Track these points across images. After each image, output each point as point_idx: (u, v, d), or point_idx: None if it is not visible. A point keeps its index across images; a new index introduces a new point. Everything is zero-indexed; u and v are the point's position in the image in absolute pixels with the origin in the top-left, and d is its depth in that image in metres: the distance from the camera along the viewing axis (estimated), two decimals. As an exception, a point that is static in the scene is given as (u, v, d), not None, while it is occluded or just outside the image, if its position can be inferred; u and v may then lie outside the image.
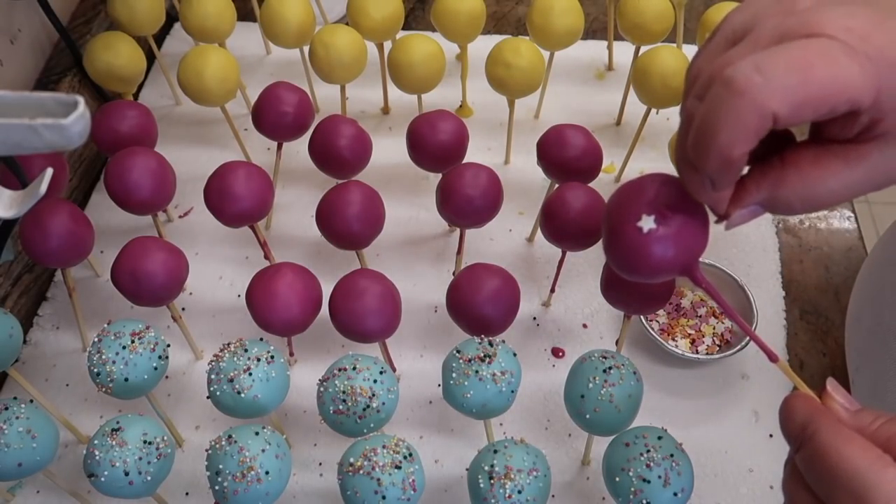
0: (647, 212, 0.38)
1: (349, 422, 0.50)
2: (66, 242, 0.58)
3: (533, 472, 0.46)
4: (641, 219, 0.38)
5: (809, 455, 0.33)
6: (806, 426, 0.34)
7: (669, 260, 0.38)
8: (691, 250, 0.39)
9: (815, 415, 0.34)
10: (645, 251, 0.38)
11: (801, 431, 0.34)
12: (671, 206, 0.38)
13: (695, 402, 0.62)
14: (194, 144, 0.79)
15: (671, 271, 0.39)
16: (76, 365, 0.64)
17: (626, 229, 0.38)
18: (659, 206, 0.38)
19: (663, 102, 0.68)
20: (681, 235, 0.38)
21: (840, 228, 0.73)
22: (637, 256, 0.38)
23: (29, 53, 0.75)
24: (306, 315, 0.56)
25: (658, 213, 0.38)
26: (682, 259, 0.38)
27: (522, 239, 0.72)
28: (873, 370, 0.55)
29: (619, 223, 0.39)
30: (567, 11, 0.69)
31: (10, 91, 0.40)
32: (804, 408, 0.35)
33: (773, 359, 0.38)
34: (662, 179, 0.39)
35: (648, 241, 0.38)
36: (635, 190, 0.39)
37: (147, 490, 0.49)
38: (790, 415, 0.35)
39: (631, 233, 0.38)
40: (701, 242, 0.39)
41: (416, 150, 0.65)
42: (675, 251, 0.38)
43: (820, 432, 0.33)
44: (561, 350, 0.65)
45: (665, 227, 0.38)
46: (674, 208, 0.38)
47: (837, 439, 0.32)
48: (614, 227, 0.39)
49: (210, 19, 0.73)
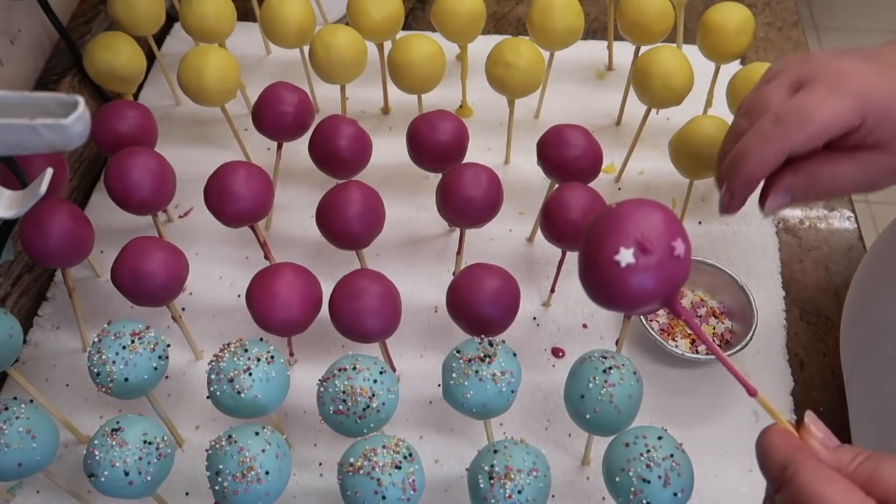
0: (625, 244, 0.36)
1: (349, 422, 0.50)
2: (66, 242, 0.58)
3: (533, 472, 0.46)
4: (619, 252, 0.36)
5: (790, 497, 0.33)
6: (786, 467, 0.33)
7: (648, 294, 0.37)
8: (671, 283, 0.37)
9: (794, 454, 0.34)
10: (622, 286, 0.36)
11: (780, 472, 0.33)
12: (651, 238, 0.36)
13: (695, 402, 0.62)
14: (194, 144, 0.79)
15: (650, 304, 0.37)
16: (76, 365, 0.64)
17: (603, 263, 0.36)
18: (638, 238, 0.36)
19: (663, 102, 0.68)
20: (661, 269, 0.36)
21: (840, 228, 0.73)
22: (614, 291, 0.37)
23: (29, 53, 0.75)
24: (306, 315, 0.56)
25: (638, 247, 0.36)
26: (662, 292, 0.37)
27: (522, 239, 0.72)
28: (866, 371, 0.55)
29: (595, 255, 0.37)
30: (567, 11, 0.70)
31: (10, 91, 0.40)
32: (783, 446, 0.34)
33: (751, 393, 0.37)
34: (643, 209, 0.37)
35: (626, 275, 0.36)
36: (613, 220, 0.37)
37: (147, 490, 0.49)
38: (769, 453, 0.35)
39: (608, 266, 0.36)
40: (681, 274, 0.37)
41: (416, 150, 0.65)
42: (653, 285, 0.36)
43: (800, 474, 0.33)
44: (561, 350, 0.65)
45: (644, 261, 0.36)
46: (654, 240, 0.36)
47: (818, 482, 0.32)
48: (591, 259, 0.37)
49: (210, 19, 0.73)
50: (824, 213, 0.74)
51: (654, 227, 0.36)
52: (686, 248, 0.37)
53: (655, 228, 0.36)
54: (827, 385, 0.63)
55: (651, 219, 0.36)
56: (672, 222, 0.37)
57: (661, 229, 0.36)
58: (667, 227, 0.36)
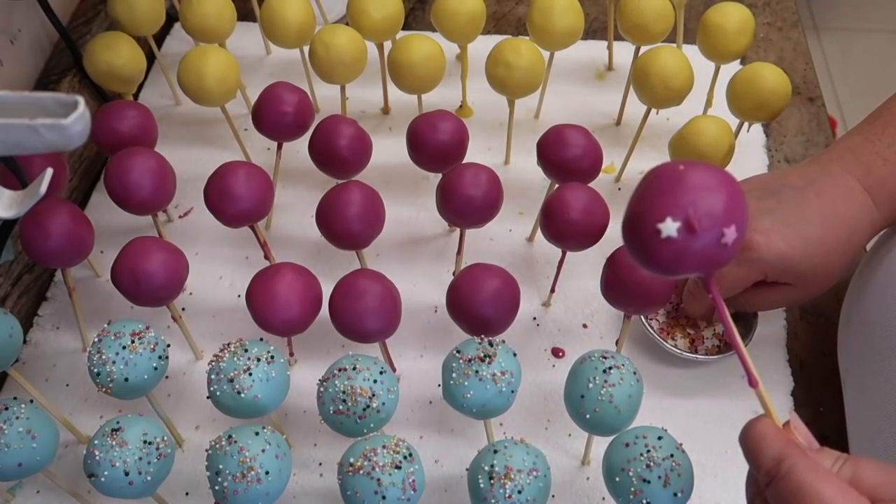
0: (673, 215, 0.32)
1: (349, 422, 0.50)
2: (66, 242, 0.58)
3: (533, 472, 0.46)
4: (665, 221, 0.33)
5: (785, 493, 0.32)
6: (781, 460, 0.33)
7: (679, 269, 0.34)
8: (708, 266, 0.34)
9: (788, 448, 0.33)
10: (655, 254, 0.34)
11: (774, 465, 0.33)
12: (703, 217, 0.32)
13: (695, 402, 0.62)
14: (194, 144, 0.79)
15: (680, 275, 0.35)
16: (76, 365, 0.64)
17: (644, 225, 0.33)
18: (689, 214, 0.32)
19: (663, 102, 0.68)
20: (701, 252, 0.33)
21: (840, 228, 0.73)
22: (646, 255, 0.34)
23: (29, 53, 0.75)
24: (306, 315, 0.56)
25: (685, 223, 0.32)
26: (695, 270, 0.35)
27: (522, 239, 0.72)
28: (861, 369, 0.55)
29: (640, 215, 0.34)
30: (567, 11, 0.69)
31: (10, 91, 0.40)
32: (777, 439, 0.34)
33: (752, 383, 0.36)
34: (709, 181, 0.33)
35: (663, 246, 0.33)
36: (674, 182, 0.33)
37: (147, 490, 0.49)
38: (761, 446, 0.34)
39: (648, 231, 0.33)
40: (723, 260, 0.34)
41: (416, 150, 0.65)
42: (688, 264, 0.34)
43: (796, 469, 0.32)
44: (561, 350, 0.65)
45: (686, 239, 0.33)
46: (705, 221, 0.32)
47: (816, 479, 0.32)
48: (635, 216, 0.34)
49: (210, 19, 0.73)
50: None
51: (711, 206, 0.33)
52: (738, 236, 0.33)
53: (712, 208, 0.32)
54: (827, 385, 0.63)
55: (711, 196, 0.33)
56: (734, 206, 0.33)
57: (719, 211, 0.33)
58: (725, 211, 0.33)
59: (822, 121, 0.80)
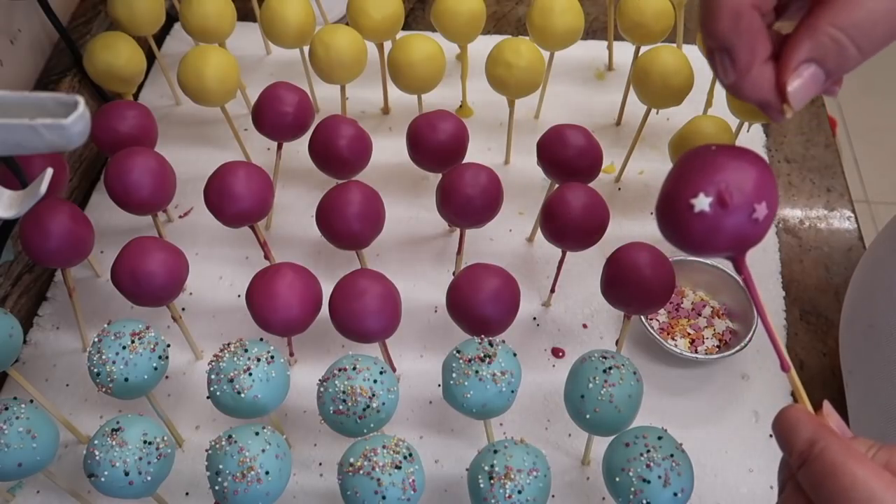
0: (706, 190, 0.34)
1: (349, 422, 0.50)
2: (66, 242, 0.58)
3: (533, 472, 0.46)
4: (698, 196, 0.34)
5: (818, 473, 0.32)
6: (814, 442, 0.33)
7: (711, 246, 0.36)
8: (740, 243, 0.36)
9: (822, 431, 0.33)
10: (688, 229, 0.35)
11: (807, 447, 0.33)
12: (734, 192, 0.34)
13: (695, 402, 0.62)
14: (194, 144, 0.79)
15: (712, 254, 0.37)
16: (76, 365, 0.64)
17: (679, 201, 0.35)
18: (722, 189, 0.34)
19: (663, 102, 0.68)
20: (733, 226, 0.34)
21: (840, 228, 0.73)
22: (679, 230, 0.36)
23: (29, 53, 0.75)
24: (306, 315, 0.56)
25: (717, 197, 0.34)
26: (727, 248, 0.36)
27: (522, 239, 0.72)
28: (865, 372, 0.55)
29: (675, 191, 0.35)
30: (567, 11, 0.69)
31: (10, 91, 0.40)
32: (810, 422, 0.34)
33: (785, 368, 0.37)
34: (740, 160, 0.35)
35: (696, 221, 0.35)
36: (707, 161, 0.35)
37: (147, 490, 0.49)
38: (794, 428, 0.34)
39: (682, 206, 0.35)
40: (755, 237, 0.35)
41: (416, 150, 0.65)
42: (721, 240, 0.35)
43: (829, 450, 0.32)
44: (561, 350, 0.65)
45: (719, 213, 0.34)
46: (736, 196, 0.34)
47: (849, 460, 0.32)
48: (670, 193, 0.36)
49: (210, 19, 0.73)
50: (824, 213, 0.74)
51: (742, 182, 0.34)
52: (769, 213, 0.35)
53: (743, 184, 0.34)
54: (827, 385, 0.63)
55: (742, 173, 0.34)
56: (765, 183, 0.35)
57: (750, 187, 0.34)
58: (756, 187, 0.34)
59: (822, 121, 0.81)
